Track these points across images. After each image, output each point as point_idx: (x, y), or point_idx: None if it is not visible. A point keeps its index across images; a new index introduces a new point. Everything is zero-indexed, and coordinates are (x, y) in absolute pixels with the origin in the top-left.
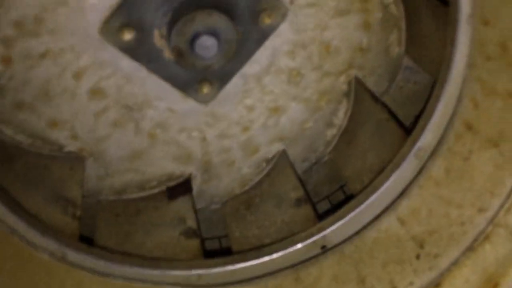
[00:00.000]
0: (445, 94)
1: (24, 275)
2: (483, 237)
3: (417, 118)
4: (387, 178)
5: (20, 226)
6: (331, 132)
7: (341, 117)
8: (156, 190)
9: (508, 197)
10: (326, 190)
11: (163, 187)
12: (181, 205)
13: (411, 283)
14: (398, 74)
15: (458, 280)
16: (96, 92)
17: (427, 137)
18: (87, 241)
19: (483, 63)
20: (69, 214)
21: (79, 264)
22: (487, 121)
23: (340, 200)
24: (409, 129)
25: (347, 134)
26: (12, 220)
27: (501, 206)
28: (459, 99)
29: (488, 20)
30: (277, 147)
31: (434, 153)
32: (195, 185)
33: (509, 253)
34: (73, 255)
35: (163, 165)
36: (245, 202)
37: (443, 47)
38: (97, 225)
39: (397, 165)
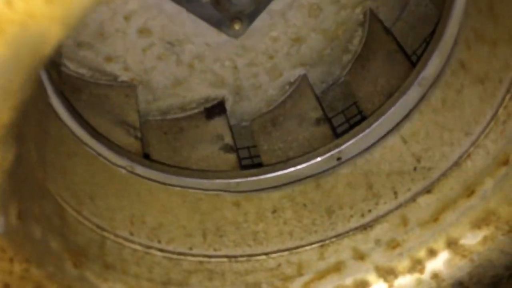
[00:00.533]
0: (445, 36)
1: (110, 186)
2: (466, 155)
3: (422, 53)
4: (394, 103)
5: (102, 149)
6: (347, 57)
7: (356, 44)
8: (195, 111)
9: (488, 124)
10: (341, 105)
11: (201, 108)
12: (218, 124)
13: (408, 189)
14: (409, 2)
15: (445, 188)
16: (143, 31)
17: (429, 70)
18: (145, 156)
19: (476, 14)
20: (132, 135)
21: (146, 176)
22: (477, 62)
23: (353, 115)
24: (414, 62)
25: (361, 59)
26: (97, 145)
27: (482, 131)
28: (456, 42)
29: None
30: (298, 71)
31: (433, 84)
32: (228, 106)
33: (485, 168)
34: (140, 169)
35: (200, 90)
36: (271, 120)
37: None
38: (149, 141)
39: (403, 92)
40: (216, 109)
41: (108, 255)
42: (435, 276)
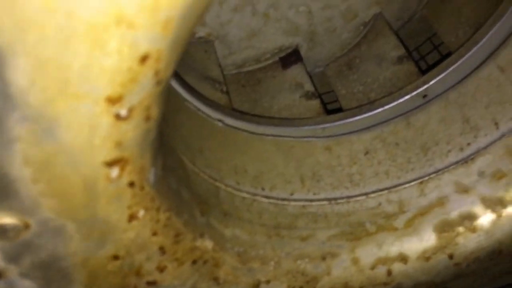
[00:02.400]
0: None
1: (212, 139)
2: None
3: None
4: (487, 32)
5: (200, 105)
6: None
7: None
8: (270, 61)
9: None
10: (415, 42)
11: (276, 58)
12: (295, 72)
13: (511, 119)
14: None
15: None
16: None
17: None
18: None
19: None
20: (218, 90)
21: (239, 127)
22: None
23: (428, 51)
24: None
25: None
26: (195, 101)
27: None
28: None
29: None
30: (373, 10)
31: None
32: (302, 53)
33: None
34: (232, 121)
35: (275, 39)
36: (346, 64)
37: None
38: (229, 94)
39: (497, 20)
40: (291, 57)
41: (223, 203)
42: None
